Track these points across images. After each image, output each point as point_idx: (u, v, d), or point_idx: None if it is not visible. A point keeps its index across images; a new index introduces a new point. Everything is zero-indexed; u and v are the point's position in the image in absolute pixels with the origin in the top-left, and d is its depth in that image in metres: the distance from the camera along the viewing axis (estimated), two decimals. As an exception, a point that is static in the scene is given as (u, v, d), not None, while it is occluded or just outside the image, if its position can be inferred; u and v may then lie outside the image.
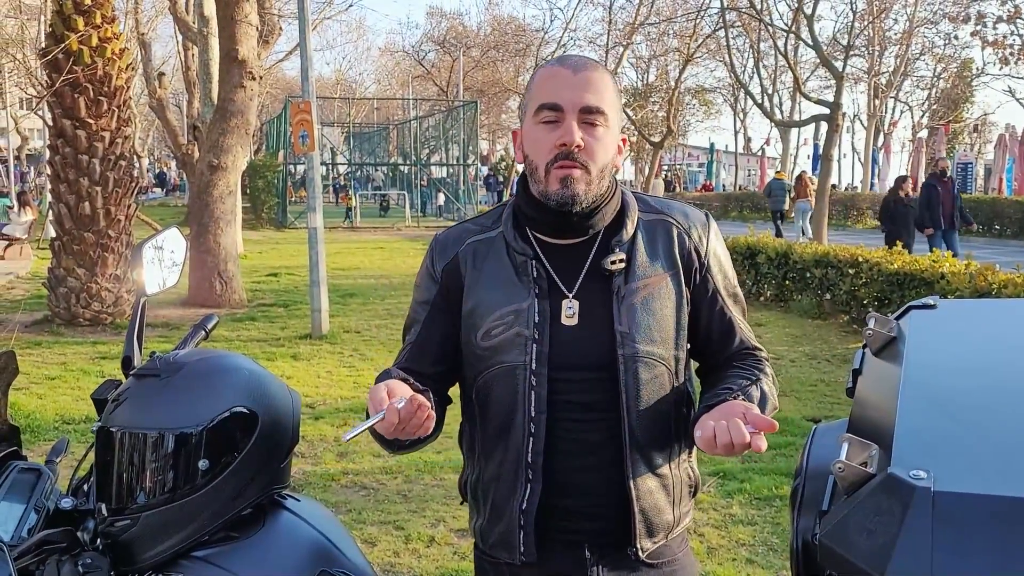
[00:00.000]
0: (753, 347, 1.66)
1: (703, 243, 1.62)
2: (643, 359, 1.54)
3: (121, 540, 1.52)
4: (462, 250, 1.65)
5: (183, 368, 1.59)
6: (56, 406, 6.43)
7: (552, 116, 1.50)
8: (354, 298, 11.95)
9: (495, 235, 1.63)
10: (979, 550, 0.82)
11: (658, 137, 25.12)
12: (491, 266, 1.61)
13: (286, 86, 43.19)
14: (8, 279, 13.92)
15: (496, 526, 1.62)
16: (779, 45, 20.37)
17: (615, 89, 1.55)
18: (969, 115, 47.19)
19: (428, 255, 1.69)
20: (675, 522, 1.63)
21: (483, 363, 1.59)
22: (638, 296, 1.55)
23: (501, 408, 1.58)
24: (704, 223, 1.65)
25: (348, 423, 6.00)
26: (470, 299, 1.61)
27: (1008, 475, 0.88)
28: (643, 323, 1.54)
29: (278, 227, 25.58)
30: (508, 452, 1.58)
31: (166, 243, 1.96)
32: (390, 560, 3.95)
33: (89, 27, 9.75)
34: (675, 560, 1.65)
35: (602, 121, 1.51)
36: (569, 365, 1.55)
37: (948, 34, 32.69)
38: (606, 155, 1.53)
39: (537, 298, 1.56)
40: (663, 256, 1.59)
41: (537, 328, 1.54)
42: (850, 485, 0.93)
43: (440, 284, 1.65)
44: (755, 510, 4.52)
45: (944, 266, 8.11)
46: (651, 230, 1.60)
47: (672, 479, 1.61)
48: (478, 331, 1.59)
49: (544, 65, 1.58)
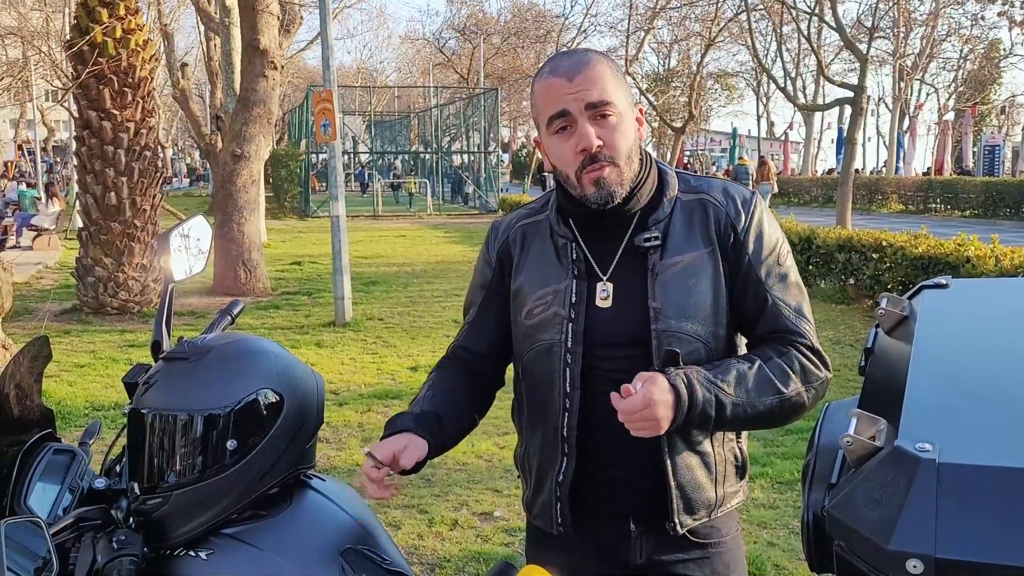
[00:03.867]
0: (794, 330, 1.57)
1: (741, 219, 1.58)
2: (677, 335, 1.53)
3: (153, 518, 1.57)
4: (512, 232, 1.71)
5: (211, 352, 1.63)
6: (86, 393, 6.54)
7: (564, 123, 1.52)
8: (377, 286, 12.02)
9: (543, 218, 1.68)
10: (982, 519, 0.84)
11: (680, 122, 24.99)
12: (536, 248, 1.66)
13: (307, 75, 43.33)
14: (37, 269, 14.12)
15: (539, 497, 1.67)
16: (802, 28, 20.20)
17: (611, 70, 1.54)
18: (997, 97, 46.56)
19: (486, 240, 1.77)
20: (718, 501, 1.63)
21: (527, 341, 1.64)
22: (672, 272, 1.56)
23: (541, 384, 1.63)
24: (746, 200, 1.60)
25: (372, 409, 6.06)
26: (517, 279, 1.67)
27: (1012, 447, 0.90)
28: (677, 300, 1.54)
29: (301, 216, 25.73)
30: (548, 426, 1.63)
31: (192, 231, 2.00)
32: (414, 543, 4.01)
33: (113, 19, 9.85)
34: (721, 542, 1.66)
35: (611, 110, 1.51)
36: (605, 343, 1.58)
37: (975, 15, 32.33)
38: (627, 141, 1.53)
39: (576, 279, 1.59)
40: (699, 233, 1.58)
41: (574, 308, 1.58)
42: (858, 458, 0.95)
43: (494, 267, 1.72)
44: (776, 494, 4.53)
45: (969, 249, 8.04)
46: (689, 209, 1.60)
47: (715, 456, 1.61)
48: (522, 310, 1.65)
49: (539, 77, 1.57)
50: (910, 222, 18.36)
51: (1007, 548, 0.82)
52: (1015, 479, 0.85)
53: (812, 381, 1.55)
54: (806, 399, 1.55)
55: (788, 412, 1.55)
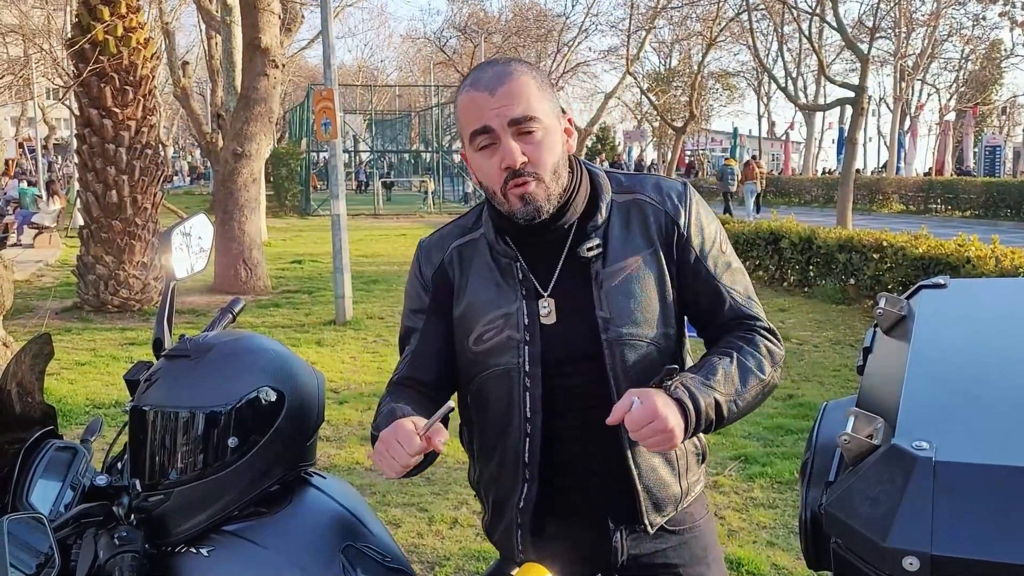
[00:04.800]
0: (748, 315, 1.60)
1: (680, 213, 1.57)
2: (628, 342, 1.53)
3: (154, 515, 1.57)
4: (447, 255, 1.65)
5: (212, 349, 1.63)
6: (86, 391, 6.55)
7: (487, 140, 1.47)
8: (377, 284, 12.03)
9: (478, 236, 1.63)
10: (978, 517, 0.85)
11: (681, 122, 24.99)
12: (477, 269, 1.61)
13: (308, 74, 43.31)
14: (38, 267, 14.12)
15: (499, 524, 1.66)
16: (803, 28, 20.19)
17: (536, 81, 1.49)
18: (998, 97, 46.53)
19: (415, 263, 1.70)
20: (683, 493, 1.64)
21: (477, 367, 1.60)
22: (616, 279, 1.54)
23: (497, 410, 1.59)
24: (680, 192, 1.60)
25: (372, 408, 6.04)
26: (460, 304, 1.62)
27: (1008, 446, 0.91)
28: (624, 306, 1.53)
29: (301, 214, 25.74)
30: (506, 452, 1.60)
31: (194, 229, 2.00)
32: (414, 541, 4.01)
33: (115, 17, 9.86)
34: (696, 526, 1.68)
35: (535, 125, 1.47)
36: (560, 360, 1.56)
37: (976, 15, 32.32)
38: (553, 155, 1.49)
39: (525, 300, 1.56)
40: (639, 235, 1.56)
41: (527, 330, 1.55)
42: (855, 456, 0.96)
43: (431, 291, 1.66)
44: (776, 494, 4.54)
45: (970, 250, 8.04)
46: (625, 211, 1.58)
47: (675, 452, 1.60)
48: (470, 335, 1.60)
49: (461, 90, 1.51)
50: (911, 222, 18.36)
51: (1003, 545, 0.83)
52: (1011, 477, 0.86)
53: (777, 360, 1.58)
54: (776, 378, 1.58)
55: (767, 395, 1.58)
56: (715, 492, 4.52)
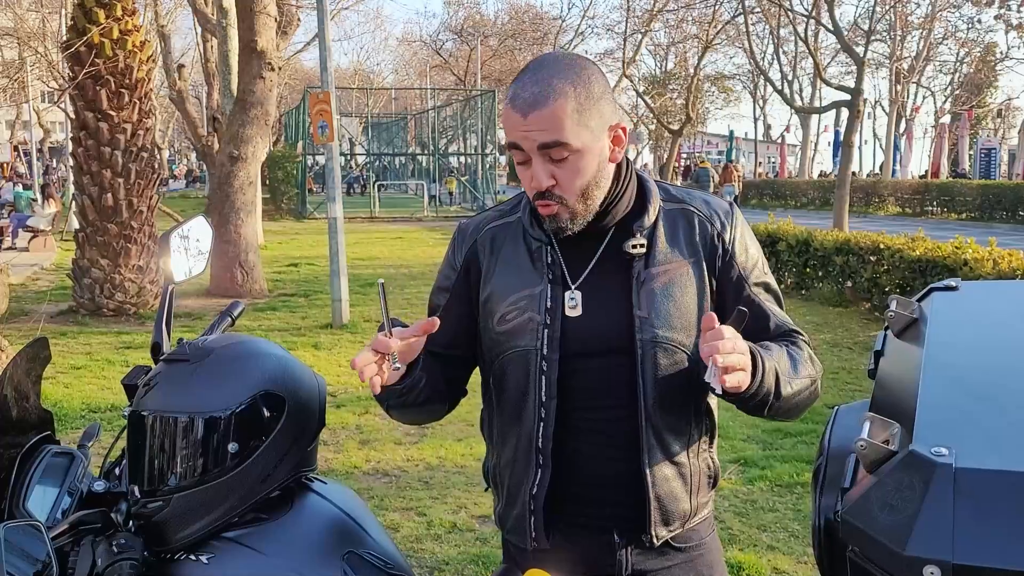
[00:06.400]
0: (792, 329, 1.63)
1: (727, 229, 1.59)
2: (662, 344, 1.53)
3: (153, 521, 1.55)
4: (480, 236, 1.66)
5: (212, 353, 1.61)
6: (82, 395, 6.51)
7: (521, 156, 1.49)
8: (374, 288, 11.96)
9: (514, 220, 1.64)
10: (1001, 525, 0.83)
11: (677, 125, 25.02)
12: (508, 251, 1.62)
13: (305, 77, 43.30)
14: (33, 270, 14.08)
15: (511, 511, 1.64)
16: (799, 31, 20.21)
17: (576, 103, 1.44)
18: (993, 100, 46.65)
19: (451, 244, 1.71)
20: (692, 512, 1.62)
21: (499, 347, 1.60)
22: (658, 281, 1.54)
23: (514, 393, 1.59)
24: (727, 211, 1.62)
25: (369, 412, 6.04)
26: (487, 285, 1.63)
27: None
28: (663, 308, 1.53)
29: (298, 217, 25.70)
30: (521, 437, 1.59)
31: (192, 232, 1.98)
32: (412, 545, 3.99)
33: (110, 20, 9.83)
34: (702, 544, 1.66)
35: (567, 151, 1.45)
36: (584, 351, 1.55)
37: (971, 18, 32.38)
38: (583, 177, 1.48)
39: (550, 284, 1.56)
40: (684, 243, 1.57)
41: (549, 313, 1.55)
42: (872, 462, 0.94)
43: (459, 272, 1.67)
44: (777, 497, 4.52)
45: (967, 252, 8.05)
46: (672, 218, 1.59)
47: (690, 468, 1.60)
48: (494, 316, 1.60)
49: (507, 96, 1.51)
50: (907, 225, 18.38)
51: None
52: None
53: (818, 370, 1.59)
54: (819, 387, 1.59)
55: (813, 397, 1.58)
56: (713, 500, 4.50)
